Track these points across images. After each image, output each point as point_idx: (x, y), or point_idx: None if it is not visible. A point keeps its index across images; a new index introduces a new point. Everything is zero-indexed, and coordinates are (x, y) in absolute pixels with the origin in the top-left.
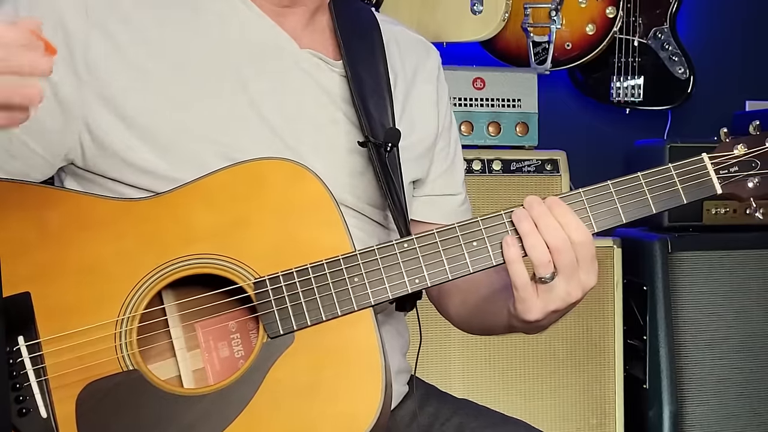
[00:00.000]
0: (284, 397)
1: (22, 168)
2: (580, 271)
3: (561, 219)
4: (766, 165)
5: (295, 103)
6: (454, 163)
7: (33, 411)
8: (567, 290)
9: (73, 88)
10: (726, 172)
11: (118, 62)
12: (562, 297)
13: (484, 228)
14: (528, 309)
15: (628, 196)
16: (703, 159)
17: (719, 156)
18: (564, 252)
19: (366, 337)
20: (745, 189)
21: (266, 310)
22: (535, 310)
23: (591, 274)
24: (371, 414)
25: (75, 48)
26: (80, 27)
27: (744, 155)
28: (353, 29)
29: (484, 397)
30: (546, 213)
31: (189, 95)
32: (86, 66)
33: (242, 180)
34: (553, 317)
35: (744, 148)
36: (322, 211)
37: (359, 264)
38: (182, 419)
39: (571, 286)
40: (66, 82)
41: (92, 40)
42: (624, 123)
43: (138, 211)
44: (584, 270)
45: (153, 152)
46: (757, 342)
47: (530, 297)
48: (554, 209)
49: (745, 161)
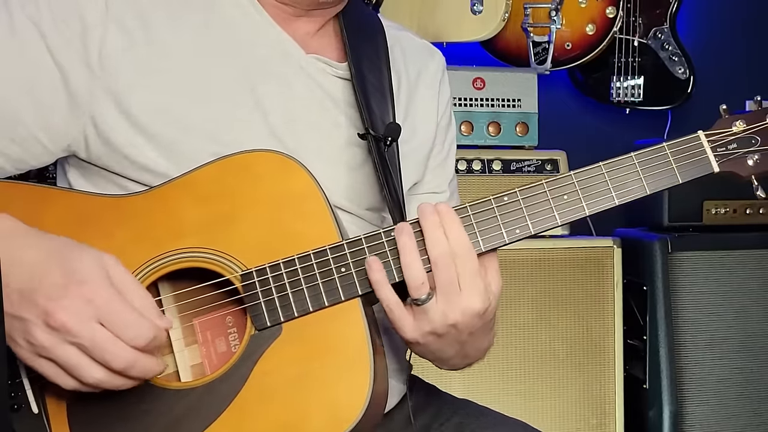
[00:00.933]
0: (272, 388)
1: (20, 154)
2: (462, 292)
3: (448, 230)
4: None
5: (299, 107)
6: (445, 162)
7: (24, 407)
8: (444, 312)
9: (84, 80)
10: (724, 149)
11: (129, 59)
12: (438, 319)
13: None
14: (402, 330)
15: (621, 177)
16: (699, 136)
17: (717, 133)
18: (443, 268)
19: (354, 328)
20: (745, 167)
21: (253, 302)
22: (410, 331)
23: (473, 296)
24: (360, 404)
25: (91, 40)
26: (98, 20)
27: (743, 131)
28: (359, 32)
29: (484, 397)
30: (436, 224)
31: (195, 96)
32: (99, 59)
33: (231, 173)
34: (444, 342)
35: (743, 125)
36: (309, 202)
37: (346, 254)
38: (172, 412)
39: (450, 308)
40: (78, 73)
41: (109, 34)
42: (624, 123)
43: (128, 206)
44: (466, 291)
45: (156, 150)
46: (757, 342)
47: (403, 318)
48: (444, 218)
49: (744, 138)
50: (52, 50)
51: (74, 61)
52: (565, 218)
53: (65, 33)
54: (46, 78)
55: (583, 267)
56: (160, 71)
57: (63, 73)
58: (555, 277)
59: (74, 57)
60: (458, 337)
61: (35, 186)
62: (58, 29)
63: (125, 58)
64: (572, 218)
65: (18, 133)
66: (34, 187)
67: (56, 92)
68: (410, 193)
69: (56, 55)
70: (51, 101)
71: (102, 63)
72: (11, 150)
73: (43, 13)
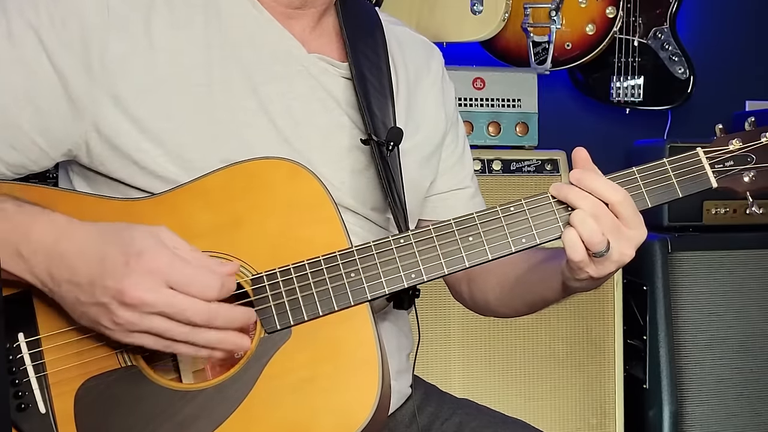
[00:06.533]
0: (281, 392)
1: (20, 159)
2: (627, 229)
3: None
4: (762, 159)
5: (302, 107)
6: (462, 158)
7: (32, 406)
8: (620, 251)
9: (85, 85)
10: (721, 166)
11: (133, 65)
12: (616, 260)
13: (479, 223)
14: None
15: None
16: (698, 153)
17: (714, 150)
18: (603, 217)
19: (362, 332)
20: (741, 183)
21: (263, 305)
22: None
23: (637, 228)
24: (368, 408)
25: (91, 45)
26: (99, 25)
27: (739, 149)
28: (358, 29)
29: (484, 397)
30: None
31: (200, 100)
32: (101, 65)
33: (240, 179)
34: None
35: (739, 143)
36: (319, 208)
37: (356, 259)
38: (180, 414)
39: (623, 247)
40: (78, 77)
41: (111, 39)
42: (624, 123)
43: (137, 211)
44: (631, 226)
45: (164, 156)
46: (757, 342)
47: (586, 267)
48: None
49: (740, 155)
50: (50, 55)
51: (74, 66)
52: None
53: (64, 37)
54: (44, 84)
55: None
56: (164, 76)
57: (62, 78)
58: None
59: (74, 61)
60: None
61: (44, 188)
62: (57, 33)
63: (128, 63)
64: None
65: (17, 138)
66: (40, 188)
67: (56, 98)
68: (431, 194)
69: (55, 61)
70: (50, 107)
71: (104, 67)
72: (10, 156)
73: (43, 18)
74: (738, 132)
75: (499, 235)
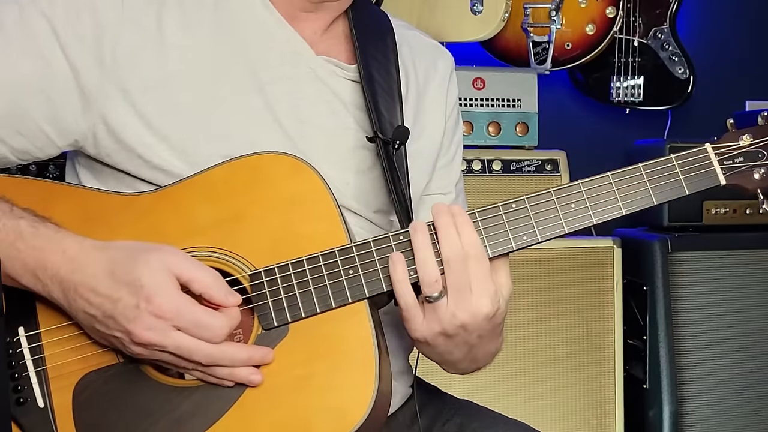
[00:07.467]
0: (277, 389)
1: (25, 145)
2: (472, 294)
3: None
4: None
5: (308, 108)
6: (451, 164)
7: (30, 400)
8: (454, 312)
9: (96, 78)
10: (731, 162)
11: (144, 59)
12: (447, 319)
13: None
14: (412, 328)
15: (629, 188)
16: (706, 149)
17: (723, 146)
18: (455, 268)
19: (360, 330)
20: (751, 180)
21: (261, 302)
22: (420, 330)
23: (483, 298)
24: (364, 407)
25: (104, 39)
26: (113, 20)
27: (749, 145)
28: (368, 33)
29: (484, 398)
30: (449, 224)
31: (207, 97)
32: (113, 58)
33: (242, 174)
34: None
35: (750, 139)
36: (319, 205)
37: (354, 256)
38: (177, 410)
39: (459, 309)
40: (90, 70)
41: (125, 34)
42: (624, 123)
43: (138, 205)
44: (477, 292)
45: (169, 151)
46: (757, 342)
47: (416, 316)
48: (457, 219)
49: (750, 152)
50: (64, 48)
51: (86, 58)
52: (573, 226)
53: (78, 29)
54: (57, 75)
55: (583, 267)
56: (173, 72)
57: (75, 71)
58: (555, 277)
59: (86, 54)
60: (467, 339)
61: (45, 182)
62: (72, 26)
63: (139, 57)
64: (579, 226)
65: (25, 125)
66: (44, 182)
67: (67, 89)
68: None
69: (69, 53)
70: (61, 98)
71: (115, 61)
72: (16, 141)
73: (57, 9)
74: (749, 127)
75: (500, 232)
